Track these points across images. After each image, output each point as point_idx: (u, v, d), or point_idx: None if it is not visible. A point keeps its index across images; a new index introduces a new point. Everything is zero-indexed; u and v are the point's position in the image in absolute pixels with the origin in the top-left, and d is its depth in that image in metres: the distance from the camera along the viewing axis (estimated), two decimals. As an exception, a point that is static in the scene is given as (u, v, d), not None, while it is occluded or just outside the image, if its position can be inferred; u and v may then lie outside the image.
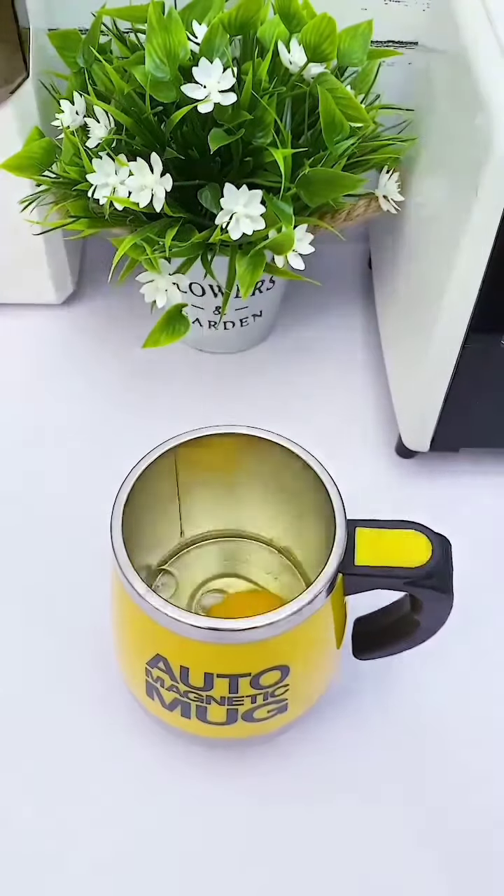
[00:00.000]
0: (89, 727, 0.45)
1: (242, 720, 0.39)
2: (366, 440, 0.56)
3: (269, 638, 0.35)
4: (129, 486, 0.38)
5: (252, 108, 0.46)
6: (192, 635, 0.35)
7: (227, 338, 0.60)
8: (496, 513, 0.53)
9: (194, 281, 0.54)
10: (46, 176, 0.51)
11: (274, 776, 0.43)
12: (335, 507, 0.38)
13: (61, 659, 0.47)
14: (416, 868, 0.41)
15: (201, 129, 0.47)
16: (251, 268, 0.47)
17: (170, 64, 0.46)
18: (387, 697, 0.46)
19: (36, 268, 0.59)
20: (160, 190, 0.45)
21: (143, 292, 0.48)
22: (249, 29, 0.47)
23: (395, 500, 0.53)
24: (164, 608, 0.34)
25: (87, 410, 0.58)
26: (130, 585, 0.35)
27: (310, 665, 0.40)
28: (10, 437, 0.56)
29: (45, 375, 0.60)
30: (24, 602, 0.49)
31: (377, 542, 0.37)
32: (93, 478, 0.51)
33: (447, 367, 0.46)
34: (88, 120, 0.48)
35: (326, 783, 0.43)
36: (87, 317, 0.63)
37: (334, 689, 0.45)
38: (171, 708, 0.40)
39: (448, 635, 0.42)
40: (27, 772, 0.43)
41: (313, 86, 0.48)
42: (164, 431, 0.41)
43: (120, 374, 0.59)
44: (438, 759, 0.44)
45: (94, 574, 0.43)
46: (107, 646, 0.43)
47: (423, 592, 0.37)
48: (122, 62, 0.48)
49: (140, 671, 0.39)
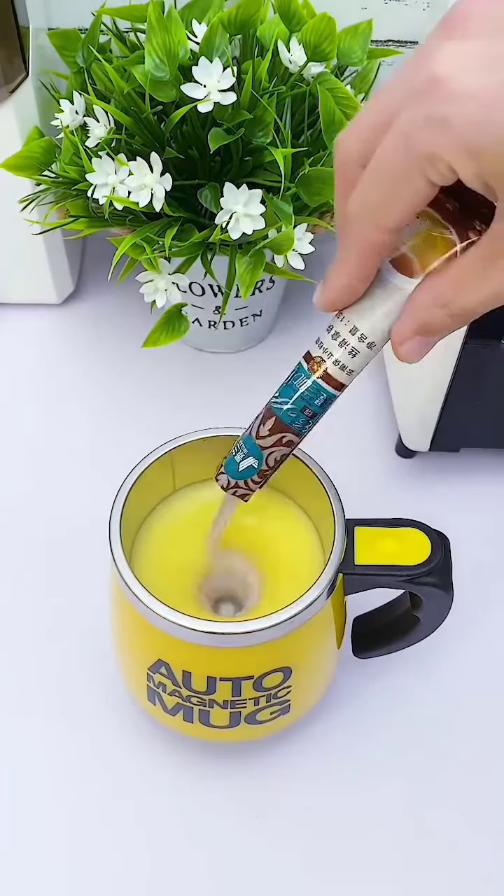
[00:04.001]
0: (89, 732, 0.45)
1: (245, 723, 0.39)
2: (366, 440, 0.56)
3: (271, 640, 0.35)
4: (126, 489, 0.38)
5: (252, 108, 0.46)
6: (194, 640, 0.35)
7: (227, 338, 0.60)
8: (496, 513, 0.53)
9: (194, 281, 0.54)
10: (46, 175, 0.51)
11: (276, 777, 0.43)
12: (334, 508, 0.38)
13: (60, 663, 0.47)
14: (416, 868, 0.41)
15: (201, 129, 0.47)
16: (251, 267, 0.47)
17: (169, 63, 0.45)
18: (387, 696, 0.46)
19: (36, 268, 0.59)
20: (160, 189, 0.45)
21: (143, 292, 0.48)
22: (249, 28, 0.47)
23: (395, 499, 0.53)
24: (166, 613, 0.34)
25: (86, 410, 0.58)
26: (130, 590, 0.35)
27: (312, 666, 0.40)
28: (9, 437, 0.56)
29: (45, 375, 0.60)
30: (23, 604, 0.49)
31: (376, 541, 0.37)
32: (92, 477, 0.51)
33: (447, 366, 0.46)
34: (88, 119, 0.48)
35: (328, 783, 0.43)
36: (87, 316, 0.63)
37: (335, 688, 0.45)
38: (173, 713, 0.40)
39: (448, 633, 0.42)
40: (27, 778, 0.43)
41: (313, 85, 0.48)
42: (164, 431, 0.41)
43: (119, 374, 0.59)
44: (439, 758, 0.44)
45: (93, 576, 0.43)
46: (107, 650, 0.43)
47: (423, 590, 0.37)
48: (122, 61, 0.48)
49: (141, 676, 0.39)
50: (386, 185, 0.25)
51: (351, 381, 0.30)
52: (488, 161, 0.22)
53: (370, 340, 0.29)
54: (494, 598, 0.49)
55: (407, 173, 0.24)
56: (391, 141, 0.24)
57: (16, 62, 0.50)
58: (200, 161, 0.48)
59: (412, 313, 0.27)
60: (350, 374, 0.30)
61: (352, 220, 0.26)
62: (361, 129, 0.26)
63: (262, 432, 0.32)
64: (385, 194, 0.25)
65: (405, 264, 0.27)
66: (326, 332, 0.30)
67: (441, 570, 0.37)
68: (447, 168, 0.23)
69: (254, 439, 0.33)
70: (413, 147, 0.23)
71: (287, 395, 0.31)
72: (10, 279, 0.60)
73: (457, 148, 0.23)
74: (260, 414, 0.32)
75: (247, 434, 0.33)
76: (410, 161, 0.24)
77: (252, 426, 0.33)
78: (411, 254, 0.27)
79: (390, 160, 0.24)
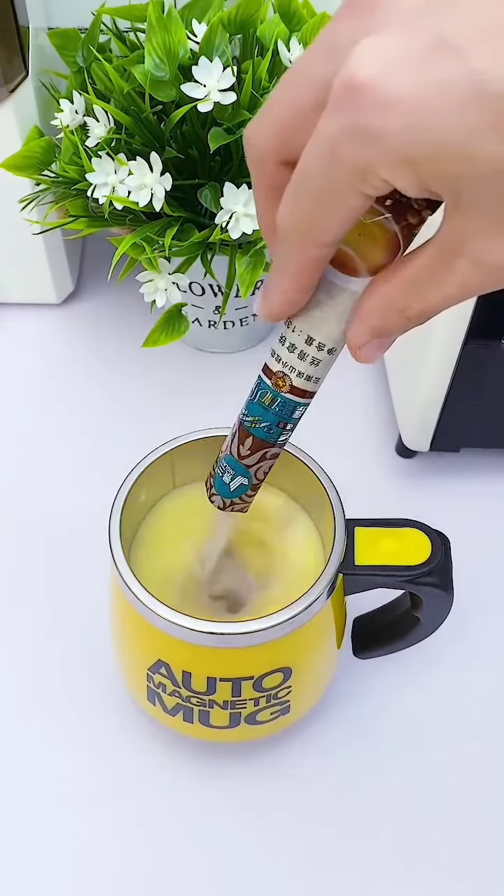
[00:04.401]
0: (89, 732, 0.45)
1: (245, 723, 0.39)
2: (366, 440, 0.56)
3: (271, 641, 0.35)
4: (126, 489, 0.38)
5: (252, 108, 0.46)
6: (194, 640, 0.34)
7: (227, 338, 0.60)
8: (496, 513, 0.53)
9: (194, 280, 0.54)
10: (46, 175, 0.51)
11: (276, 778, 0.43)
12: (334, 508, 0.38)
13: (60, 663, 0.47)
14: (416, 868, 0.41)
15: (201, 129, 0.47)
16: (251, 267, 0.47)
17: (169, 63, 0.45)
18: (387, 696, 0.46)
19: (35, 267, 0.59)
20: (160, 189, 0.45)
21: (143, 292, 0.48)
22: (249, 28, 0.47)
23: (395, 499, 0.53)
24: (166, 613, 0.34)
25: (86, 410, 0.58)
26: (130, 590, 0.35)
27: (312, 666, 0.40)
28: (9, 437, 0.56)
29: (45, 375, 0.60)
30: (23, 604, 0.49)
31: (376, 541, 0.37)
32: (92, 477, 0.51)
33: (447, 366, 0.46)
34: (88, 119, 0.47)
35: (328, 783, 0.43)
36: (87, 316, 0.63)
37: (335, 688, 0.45)
38: (173, 713, 0.40)
39: (448, 634, 0.42)
40: (27, 778, 0.43)
41: (313, 85, 0.48)
42: (164, 431, 0.41)
43: (119, 374, 0.59)
44: (439, 758, 0.44)
45: (93, 576, 0.43)
46: (107, 650, 0.43)
47: (424, 590, 0.37)
48: (122, 61, 0.48)
49: (141, 677, 0.39)
50: (316, 202, 0.22)
51: (320, 385, 0.29)
52: (427, 169, 0.20)
53: (329, 347, 0.27)
54: (495, 598, 0.49)
55: (338, 190, 0.22)
56: (315, 155, 0.22)
57: (16, 62, 0.50)
58: (200, 161, 0.48)
59: (366, 319, 0.25)
60: (317, 381, 0.29)
61: (284, 235, 0.24)
62: (274, 124, 0.24)
63: (244, 452, 0.31)
64: (317, 211, 0.23)
65: (345, 261, 0.25)
66: (280, 344, 0.28)
67: (441, 571, 0.37)
68: (381, 181, 0.21)
69: (236, 459, 0.31)
70: (341, 164, 0.21)
71: (257, 413, 0.30)
72: (9, 279, 0.60)
73: (390, 161, 0.20)
74: (233, 432, 0.31)
75: (227, 454, 0.32)
76: (340, 178, 0.21)
77: (228, 445, 0.32)
78: (349, 249, 0.25)
79: (317, 176, 0.22)
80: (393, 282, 0.24)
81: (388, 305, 0.24)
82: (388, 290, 0.24)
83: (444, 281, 0.23)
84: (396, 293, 0.24)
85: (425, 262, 0.23)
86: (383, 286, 0.25)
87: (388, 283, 0.24)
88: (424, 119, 0.19)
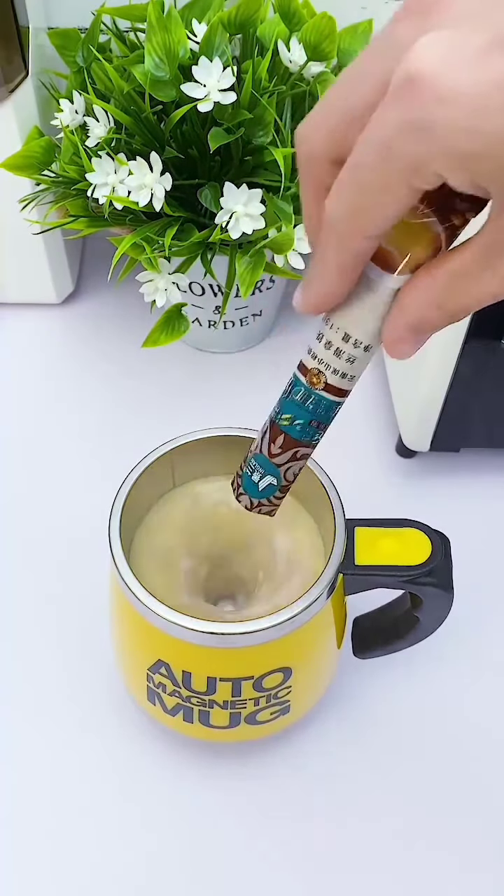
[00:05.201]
0: (89, 733, 0.45)
1: (245, 723, 0.39)
2: (366, 440, 0.56)
3: (271, 641, 0.35)
4: (126, 489, 0.38)
5: (252, 107, 0.46)
6: (194, 640, 0.34)
7: (226, 337, 0.60)
8: (496, 513, 0.53)
9: (194, 280, 0.54)
10: (46, 175, 0.51)
11: (276, 778, 0.43)
12: (334, 508, 0.38)
13: (60, 664, 0.47)
14: (417, 868, 0.41)
15: (201, 128, 0.47)
16: (251, 267, 0.47)
17: (169, 63, 0.45)
18: (387, 696, 0.46)
19: (35, 267, 0.59)
20: (160, 189, 0.45)
21: (143, 292, 0.48)
22: (249, 28, 0.47)
23: (395, 499, 0.53)
24: (166, 613, 0.34)
25: (86, 410, 0.58)
26: (130, 590, 0.35)
27: (312, 666, 0.40)
28: (9, 437, 0.56)
29: (45, 375, 0.60)
30: (22, 605, 0.49)
31: (376, 541, 0.37)
32: (92, 477, 0.51)
33: (447, 367, 0.46)
34: (88, 119, 0.47)
35: (328, 783, 0.43)
36: (87, 316, 0.63)
37: (335, 688, 0.45)
38: (173, 713, 0.40)
39: (448, 633, 0.42)
40: (27, 778, 0.43)
41: (313, 84, 0.48)
42: (163, 431, 0.40)
43: (119, 374, 0.59)
44: (440, 757, 0.44)
45: (93, 576, 0.43)
46: (107, 650, 0.43)
47: (424, 590, 0.37)
48: (122, 61, 0.48)
49: (141, 677, 0.39)
50: (367, 195, 0.23)
51: (354, 385, 0.29)
52: (482, 167, 0.21)
53: (366, 344, 0.28)
54: (495, 598, 0.49)
55: (390, 183, 0.22)
56: (370, 148, 0.22)
57: (16, 62, 0.50)
58: (200, 161, 0.48)
59: (405, 314, 0.26)
60: (352, 379, 0.29)
61: (331, 227, 0.24)
62: (329, 123, 0.24)
63: (274, 450, 0.31)
64: (367, 203, 0.23)
65: (386, 258, 0.26)
66: (317, 342, 0.28)
67: (441, 570, 0.37)
68: (434, 175, 0.22)
69: (266, 457, 0.31)
70: (395, 158, 0.22)
71: (291, 412, 0.30)
72: (9, 279, 0.60)
73: (445, 156, 0.21)
74: (264, 430, 0.31)
75: (256, 452, 0.32)
76: (393, 172, 0.22)
77: (259, 443, 0.32)
78: (391, 246, 0.25)
79: (370, 169, 0.22)
80: (436, 275, 0.25)
81: (428, 299, 0.25)
82: (430, 283, 0.25)
83: (485, 279, 0.24)
84: (438, 287, 0.25)
85: (469, 257, 0.24)
86: (425, 279, 0.25)
87: (431, 276, 0.25)
88: (482, 115, 0.20)
